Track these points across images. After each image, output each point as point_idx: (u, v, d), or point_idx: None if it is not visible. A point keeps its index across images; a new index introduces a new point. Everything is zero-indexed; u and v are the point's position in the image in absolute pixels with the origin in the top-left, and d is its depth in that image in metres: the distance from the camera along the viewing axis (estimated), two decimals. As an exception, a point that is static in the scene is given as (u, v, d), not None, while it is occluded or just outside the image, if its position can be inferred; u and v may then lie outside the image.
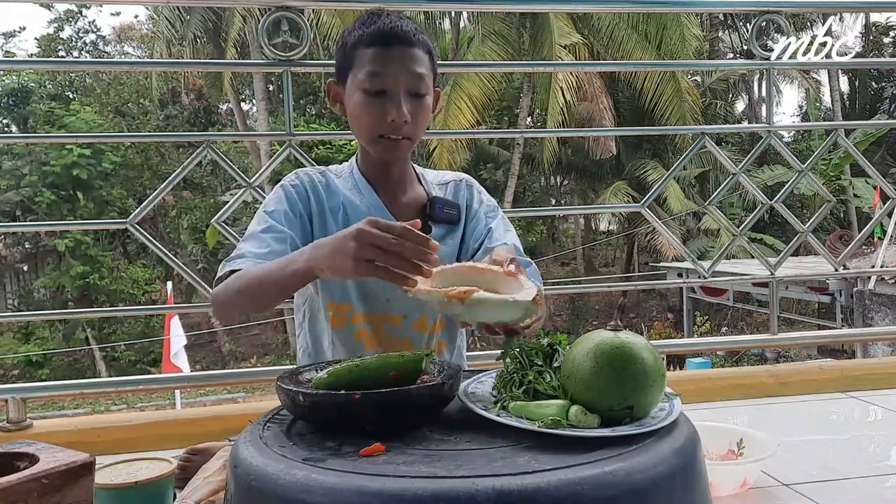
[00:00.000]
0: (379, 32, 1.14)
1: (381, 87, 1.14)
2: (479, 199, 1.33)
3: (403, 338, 1.24)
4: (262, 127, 14.40)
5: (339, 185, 1.26)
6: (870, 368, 2.14)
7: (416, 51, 1.16)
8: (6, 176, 15.32)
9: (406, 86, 1.15)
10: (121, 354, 15.77)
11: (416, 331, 1.25)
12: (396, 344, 1.22)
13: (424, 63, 1.17)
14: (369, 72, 1.14)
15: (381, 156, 1.22)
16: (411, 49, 1.15)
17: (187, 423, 1.74)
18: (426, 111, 1.20)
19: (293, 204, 1.21)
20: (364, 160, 1.28)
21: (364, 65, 1.15)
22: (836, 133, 2.09)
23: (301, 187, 1.23)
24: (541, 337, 0.91)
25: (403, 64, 1.14)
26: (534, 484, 0.64)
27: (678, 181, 14.67)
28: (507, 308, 0.87)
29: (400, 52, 1.15)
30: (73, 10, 19.06)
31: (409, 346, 1.23)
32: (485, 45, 13.48)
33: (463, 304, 0.85)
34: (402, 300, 1.21)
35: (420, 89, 1.16)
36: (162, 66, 10.81)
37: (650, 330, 14.76)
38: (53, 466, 0.79)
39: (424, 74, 1.17)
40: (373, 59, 1.14)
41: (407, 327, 1.24)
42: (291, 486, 0.67)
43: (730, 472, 1.26)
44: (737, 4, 2.68)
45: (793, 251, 2.24)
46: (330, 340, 1.24)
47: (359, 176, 1.26)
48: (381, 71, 1.13)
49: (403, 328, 1.24)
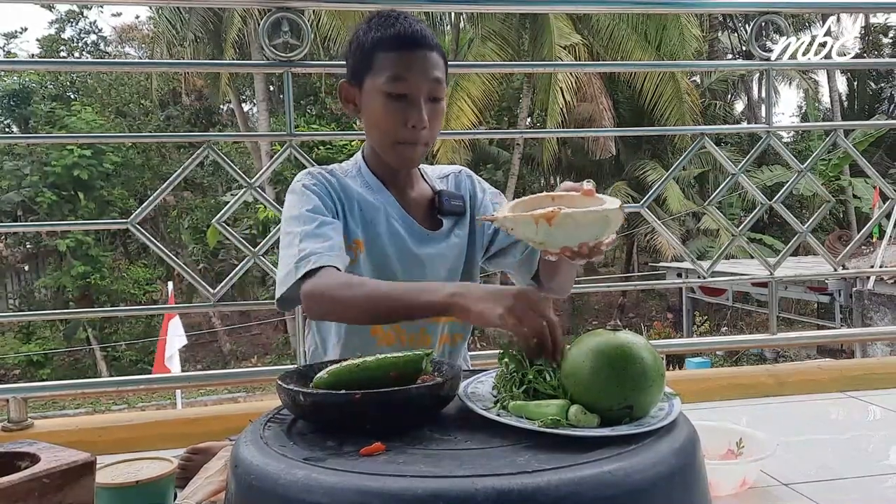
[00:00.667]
0: (401, 36, 1.15)
1: (403, 91, 1.15)
2: (482, 188, 1.36)
3: (420, 329, 1.24)
4: (262, 127, 14.38)
5: (349, 182, 1.26)
6: (869, 368, 2.14)
7: (434, 55, 1.17)
8: (7, 176, 15.32)
9: (427, 91, 1.16)
10: (122, 354, 15.76)
11: (432, 321, 1.25)
12: (414, 335, 1.23)
13: (441, 68, 1.19)
14: (392, 76, 1.14)
15: (398, 163, 1.23)
16: (431, 53, 1.16)
17: (188, 422, 1.74)
18: (441, 115, 1.21)
19: (322, 198, 1.20)
20: (372, 158, 1.28)
21: (386, 68, 1.15)
22: (835, 133, 2.09)
23: (321, 185, 1.23)
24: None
25: (425, 69, 1.16)
26: (534, 484, 0.64)
27: (678, 181, 14.66)
28: (596, 221, 0.86)
29: (422, 56, 1.16)
30: (75, 10, 19.07)
31: (426, 337, 1.24)
32: (485, 46, 13.48)
33: (550, 224, 0.84)
34: None
35: (439, 94, 1.18)
36: (162, 66, 10.78)
37: (650, 330, 14.76)
38: (54, 466, 0.80)
39: (442, 79, 1.18)
40: (396, 63, 1.14)
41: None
42: (292, 486, 0.68)
43: (729, 471, 1.26)
44: (737, 5, 2.68)
45: (792, 251, 2.24)
46: (341, 337, 1.24)
47: (368, 173, 1.27)
48: (404, 75, 1.14)
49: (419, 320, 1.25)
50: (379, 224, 1.22)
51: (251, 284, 15.79)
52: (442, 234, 1.28)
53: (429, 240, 1.26)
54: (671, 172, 2.16)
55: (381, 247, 1.22)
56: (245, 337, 17.05)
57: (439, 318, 1.25)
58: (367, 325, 1.17)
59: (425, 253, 1.24)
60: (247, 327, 16.94)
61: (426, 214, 1.28)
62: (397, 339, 1.24)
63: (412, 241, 1.24)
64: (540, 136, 16.32)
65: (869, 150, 13.59)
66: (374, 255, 1.22)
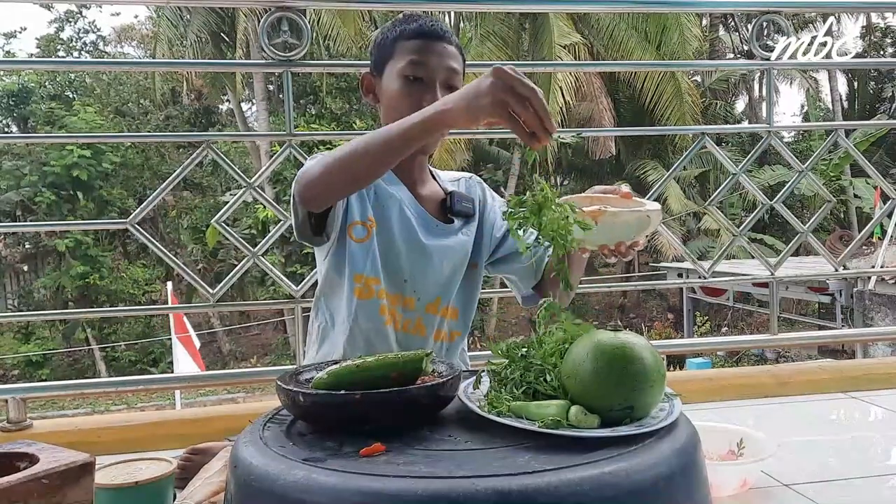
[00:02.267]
0: (421, 28, 1.24)
1: (420, 74, 1.21)
2: (491, 195, 1.42)
3: (417, 319, 1.27)
4: (262, 127, 14.39)
5: None
6: (870, 368, 2.13)
7: (452, 48, 1.25)
8: (6, 176, 15.32)
9: (443, 77, 1.22)
10: (121, 354, 15.76)
11: (430, 313, 1.28)
12: (410, 325, 1.26)
13: (458, 61, 1.26)
14: (410, 60, 1.22)
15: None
16: (450, 46, 1.25)
17: (187, 423, 1.74)
18: None
19: None
20: None
21: (405, 54, 1.23)
22: (835, 133, 2.09)
23: None
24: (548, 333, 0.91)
25: (442, 57, 1.23)
26: (534, 484, 0.64)
27: (678, 181, 14.67)
28: (639, 220, 0.90)
29: (440, 46, 1.23)
30: (74, 10, 19.07)
31: (422, 327, 1.27)
32: (483, 46, 13.48)
33: (596, 222, 0.87)
34: (419, 281, 1.26)
35: (454, 82, 1.24)
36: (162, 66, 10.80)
37: (650, 330, 14.77)
38: (53, 467, 0.79)
39: (458, 70, 1.25)
40: (415, 49, 1.22)
41: (420, 309, 1.27)
42: (291, 486, 0.67)
43: (730, 472, 1.26)
44: (737, 4, 2.68)
45: (793, 251, 2.24)
46: (352, 311, 1.24)
47: None
48: (422, 60, 1.22)
49: (416, 310, 1.27)
50: (391, 209, 1.26)
51: (251, 284, 15.78)
52: (451, 230, 1.31)
53: (438, 231, 1.29)
54: (672, 172, 2.15)
55: (390, 231, 1.25)
56: (244, 337, 17.05)
57: (435, 310, 1.28)
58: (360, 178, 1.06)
59: (432, 244, 1.27)
60: (246, 327, 16.94)
61: (437, 212, 1.32)
62: (395, 322, 1.26)
63: (422, 230, 1.27)
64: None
65: (870, 150, 13.59)
66: (383, 238, 1.25)
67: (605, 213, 0.88)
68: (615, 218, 0.89)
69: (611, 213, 0.88)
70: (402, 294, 1.26)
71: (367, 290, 1.24)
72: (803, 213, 15.10)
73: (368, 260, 1.24)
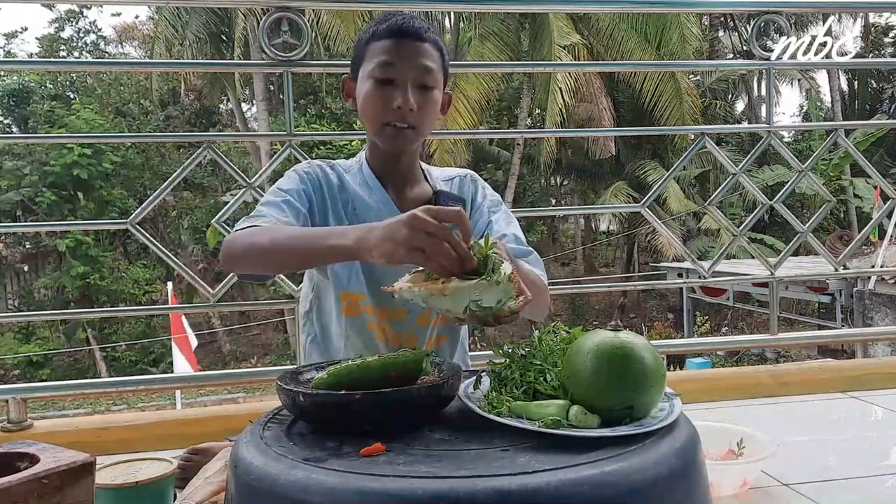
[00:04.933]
0: (391, 27, 1.19)
1: (390, 75, 1.17)
2: (483, 194, 1.36)
3: (408, 332, 1.25)
4: (262, 127, 14.38)
5: (349, 179, 1.27)
6: (870, 368, 2.13)
7: (426, 45, 1.20)
8: (7, 176, 15.33)
9: (414, 76, 1.18)
10: (121, 355, 15.76)
11: (421, 324, 1.25)
12: (402, 338, 1.24)
13: (434, 58, 1.21)
14: (379, 61, 1.18)
15: (388, 146, 1.23)
16: (421, 43, 1.19)
17: (188, 423, 1.74)
18: (433, 104, 1.22)
19: (307, 189, 1.23)
20: (373, 155, 1.29)
21: (375, 56, 1.19)
22: (835, 133, 2.09)
23: (314, 176, 1.25)
24: (549, 332, 0.91)
25: (412, 56, 1.18)
26: (534, 484, 0.64)
27: (678, 181, 14.68)
28: (487, 290, 0.84)
29: (410, 45, 1.18)
30: (74, 10, 19.07)
31: (414, 339, 1.24)
32: (483, 46, 13.48)
33: (445, 296, 0.84)
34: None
35: (428, 82, 1.19)
36: (162, 66, 10.78)
37: (650, 330, 14.77)
38: (54, 467, 0.79)
39: (433, 68, 1.20)
40: (383, 50, 1.18)
41: (412, 321, 1.25)
42: (291, 486, 0.67)
43: (730, 472, 1.26)
44: (737, 4, 2.68)
45: (793, 251, 2.24)
46: (342, 329, 1.24)
47: (367, 171, 1.28)
48: (390, 60, 1.17)
49: (409, 321, 1.25)
50: (370, 221, 1.23)
51: (251, 285, 15.76)
52: None
53: None
54: (672, 172, 2.16)
55: None
56: (245, 337, 17.05)
57: (427, 321, 1.25)
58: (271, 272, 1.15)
59: None
60: (246, 327, 16.93)
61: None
62: (385, 336, 1.24)
63: None
64: (540, 135, 16.32)
65: (870, 150, 13.59)
66: None
67: (447, 286, 0.84)
68: (460, 291, 0.84)
69: (454, 287, 0.84)
70: (390, 308, 1.23)
71: (353, 308, 1.22)
72: (803, 213, 15.08)
73: (352, 277, 1.22)
